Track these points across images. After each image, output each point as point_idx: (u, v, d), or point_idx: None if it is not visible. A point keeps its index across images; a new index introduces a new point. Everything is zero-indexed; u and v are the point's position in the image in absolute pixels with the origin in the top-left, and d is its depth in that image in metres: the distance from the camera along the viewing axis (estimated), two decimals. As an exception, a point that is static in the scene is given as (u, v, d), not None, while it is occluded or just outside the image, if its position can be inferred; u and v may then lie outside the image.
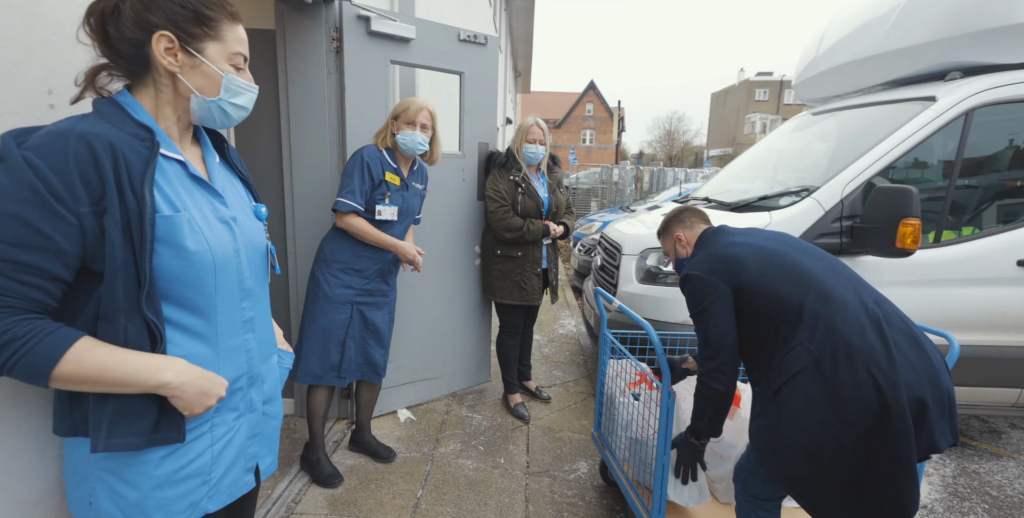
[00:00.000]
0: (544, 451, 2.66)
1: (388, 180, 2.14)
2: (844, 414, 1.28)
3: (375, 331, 2.26)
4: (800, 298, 1.40)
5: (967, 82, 2.66)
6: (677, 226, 1.86)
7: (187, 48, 0.86)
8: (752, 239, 1.60)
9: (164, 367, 0.81)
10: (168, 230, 0.82)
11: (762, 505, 1.61)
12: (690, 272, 1.59)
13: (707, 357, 1.53)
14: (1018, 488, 2.54)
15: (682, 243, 1.84)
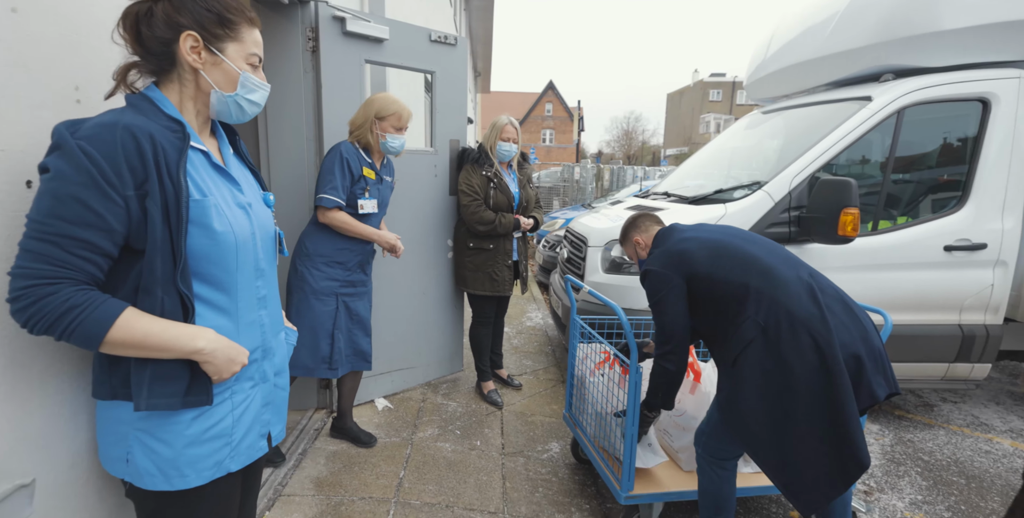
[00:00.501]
0: (518, 434, 2.79)
1: (366, 175, 2.22)
2: (791, 374, 1.46)
3: (360, 320, 2.34)
4: (745, 279, 1.59)
5: (898, 83, 2.93)
6: (634, 232, 2.02)
7: (210, 47, 0.95)
8: (699, 233, 1.79)
9: (198, 335, 0.91)
10: (199, 212, 0.91)
11: (721, 464, 1.78)
12: (648, 267, 1.76)
13: (662, 342, 1.70)
14: (947, 453, 2.83)
15: (640, 246, 2.00)
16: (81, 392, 1.06)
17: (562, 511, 2.19)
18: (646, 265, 1.78)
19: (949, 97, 2.87)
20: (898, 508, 2.33)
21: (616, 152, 46.34)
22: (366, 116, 2.22)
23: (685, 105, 45.97)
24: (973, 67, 2.90)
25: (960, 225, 2.89)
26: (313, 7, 2.31)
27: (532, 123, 39.53)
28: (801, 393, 1.45)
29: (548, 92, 40.47)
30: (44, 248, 0.80)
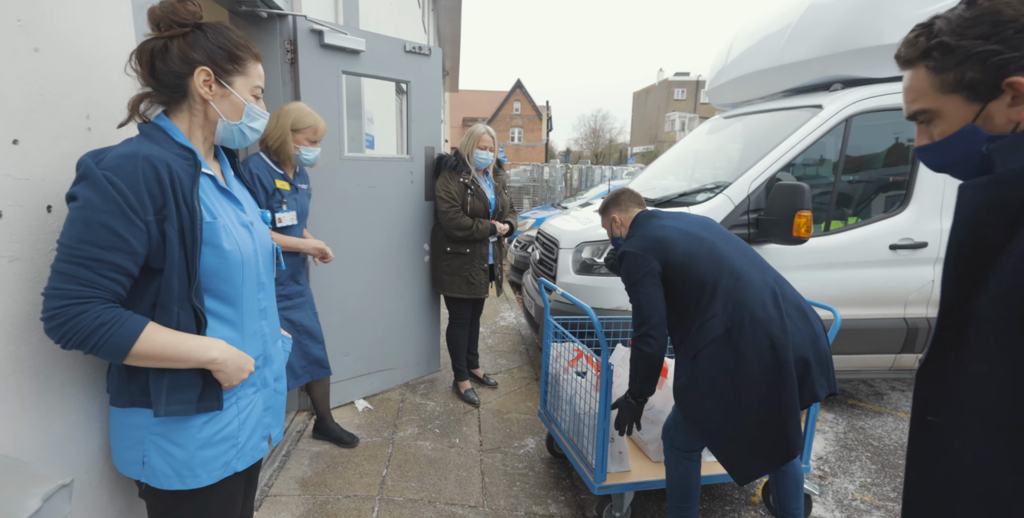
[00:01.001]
0: (495, 431, 2.89)
1: (280, 187, 2.16)
2: (747, 372, 1.61)
3: (305, 330, 2.34)
4: (716, 277, 1.70)
5: (847, 93, 3.14)
6: (614, 208, 2.02)
7: (220, 81, 1.03)
8: (679, 223, 1.84)
9: (212, 346, 0.99)
10: (211, 233, 0.99)
11: (687, 456, 1.92)
12: (626, 249, 1.79)
13: (639, 323, 1.73)
14: (895, 438, 3.05)
15: (617, 224, 2.00)
16: (94, 400, 1.12)
17: (539, 503, 2.30)
18: (624, 247, 1.81)
19: (892, 106, 3.09)
20: (849, 490, 2.52)
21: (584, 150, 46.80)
22: (282, 128, 2.13)
23: (651, 104, 46.80)
24: (912, 79, 3.13)
25: (904, 225, 3.12)
26: (291, 21, 2.35)
27: (501, 122, 39.59)
28: (752, 389, 1.60)
29: (516, 91, 40.58)
30: (76, 270, 0.87)
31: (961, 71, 0.74)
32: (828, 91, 3.30)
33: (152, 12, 0.98)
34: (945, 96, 0.77)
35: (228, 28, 1.05)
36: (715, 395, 1.66)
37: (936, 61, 0.76)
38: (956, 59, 0.74)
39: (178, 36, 0.99)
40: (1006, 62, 0.70)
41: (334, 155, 2.63)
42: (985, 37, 0.71)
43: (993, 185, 0.72)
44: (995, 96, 0.73)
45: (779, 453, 1.63)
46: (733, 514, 2.33)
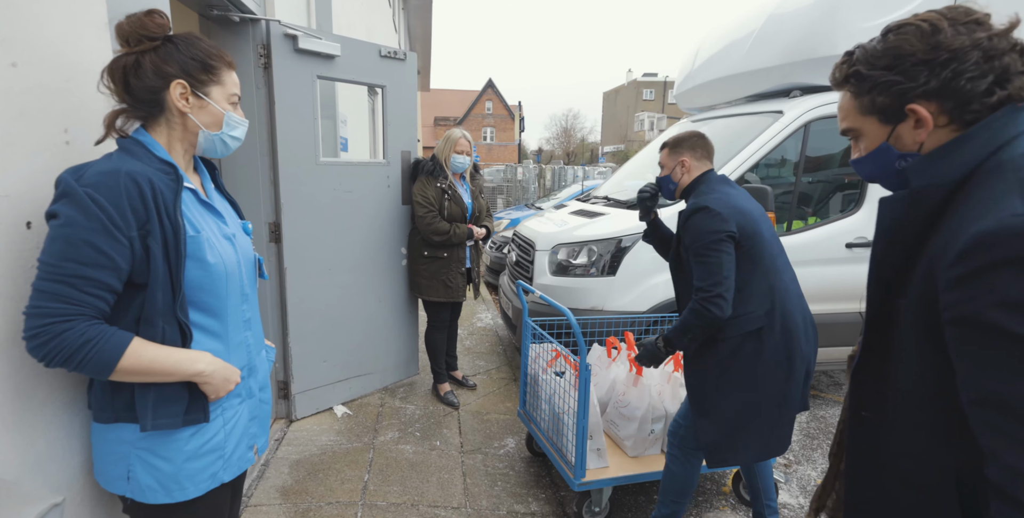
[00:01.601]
0: (475, 432, 2.93)
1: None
2: (766, 371, 1.70)
3: None
4: (772, 273, 1.71)
5: (805, 100, 3.29)
6: (688, 150, 1.87)
7: (197, 92, 1.03)
8: (753, 204, 1.78)
9: (198, 359, 1.00)
10: (194, 247, 0.99)
11: (694, 454, 1.95)
12: (710, 205, 1.67)
13: (713, 283, 1.64)
14: (852, 425, 3.22)
15: (684, 168, 1.87)
16: (75, 417, 1.11)
17: (520, 501, 2.35)
18: (705, 201, 1.70)
19: (848, 112, 3.25)
20: (812, 477, 2.65)
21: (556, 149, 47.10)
22: None
23: (620, 103, 47.41)
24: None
25: (858, 224, 3.28)
26: (264, 25, 2.33)
27: (472, 121, 39.49)
28: (766, 388, 1.70)
29: (488, 90, 40.54)
30: (59, 288, 0.87)
31: (872, 97, 0.83)
32: (788, 97, 3.44)
33: (120, 28, 0.97)
34: (864, 117, 0.86)
35: (199, 38, 1.05)
36: (729, 383, 1.72)
37: (854, 86, 0.85)
38: (868, 86, 0.83)
39: (149, 50, 0.98)
40: (906, 91, 0.79)
41: (309, 160, 2.62)
42: (889, 68, 0.80)
43: (907, 199, 0.80)
44: (902, 119, 0.81)
45: (773, 450, 1.75)
46: (706, 504, 2.43)
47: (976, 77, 0.74)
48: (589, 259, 3.16)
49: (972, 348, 0.67)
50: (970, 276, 0.66)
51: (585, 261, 3.18)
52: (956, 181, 0.76)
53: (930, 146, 0.81)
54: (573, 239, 3.25)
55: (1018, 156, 0.71)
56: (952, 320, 0.69)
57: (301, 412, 2.86)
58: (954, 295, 0.68)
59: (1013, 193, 0.67)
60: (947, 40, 0.75)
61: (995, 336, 0.63)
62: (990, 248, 0.64)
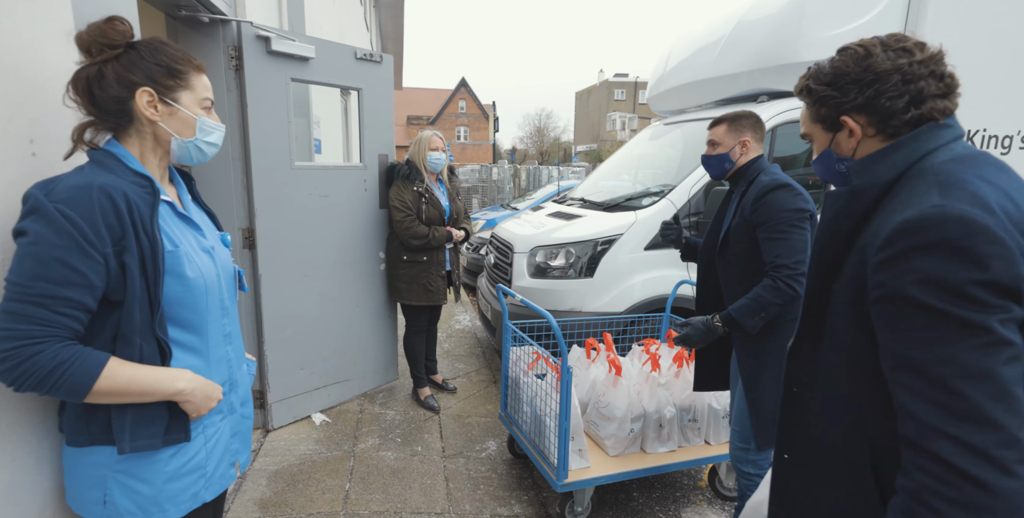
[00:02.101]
0: (456, 436, 2.92)
1: None
2: None
3: None
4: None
5: (772, 105, 3.38)
6: (750, 131, 1.83)
7: (165, 99, 0.99)
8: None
9: (179, 377, 0.97)
10: (173, 262, 0.96)
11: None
12: (792, 183, 1.68)
13: (797, 261, 1.62)
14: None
15: (745, 148, 1.83)
16: (45, 440, 1.06)
17: (503, 504, 2.36)
18: (783, 179, 1.70)
19: (812, 117, 3.36)
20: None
21: (529, 148, 47.22)
22: None
23: (592, 103, 47.82)
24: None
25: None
26: (235, 26, 2.27)
27: (446, 120, 39.28)
28: None
29: (461, 89, 40.38)
30: (29, 309, 0.83)
31: (817, 108, 0.96)
32: (756, 102, 3.54)
33: (80, 38, 0.94)
34: (813, 124, 0.99)
35: (164, 43, 1.01)
36: (774, 376, 1.71)
37: (805, 97, 0.98)
38: (814, 98, 0.95)
39: (111, 59, 0.95)
40: (840, 104, 0.91)
41: (284, 165, 2.57)
42: (829, 85, 0.92)
43: (847, 195, 0.90)
44: (839, 129, 0.94)
45: None
46: (683, 499, 2.48)
47: (895, 97, 0.86)
48: (567, 261, 3.19)
49: (893, 321, 0.76)
50: (894, 258, 0.75)
51: (563, 263, 3.20)
52: (888, 182, 0.87)
53: (862, 152, 0.94)
54: (551, 241, 3.27)
55: (937, 164, 0.83)
56: (877, 298, 0.78)
57: (278, 421, 2.80)
58: (880, 276, 0.77)
59: (933, 190, 0.78)
60: (875, 64, 0.87)
61: (913, 309, 0.73)
62: (912, 234, 0.74)
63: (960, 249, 0.70)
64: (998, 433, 0.67)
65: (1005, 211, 0.73)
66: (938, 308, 0.71)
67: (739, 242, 1.76)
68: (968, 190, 0.75)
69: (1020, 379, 0.69)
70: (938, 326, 0.71)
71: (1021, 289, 0.70)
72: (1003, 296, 0.69)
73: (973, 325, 0.69)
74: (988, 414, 0.68)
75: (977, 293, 0.69)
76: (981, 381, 0.68)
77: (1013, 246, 0.70)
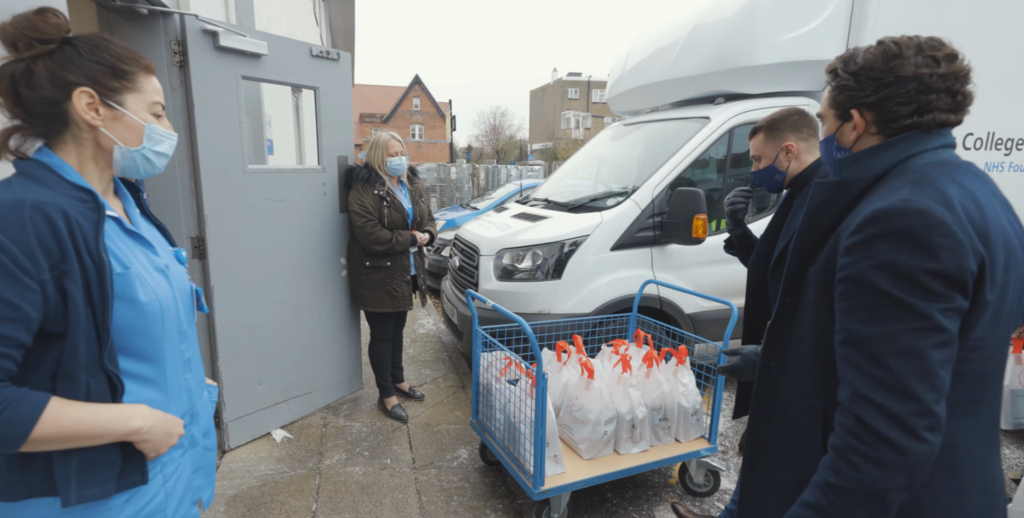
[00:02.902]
0: (426, 445, 2.84)
1: None
2: None
3: None
4: None
5: (728, 107, 3.46)
6: (791, 133, 1.63)
7: (108, 102, 0.88)
8: None
9: (133, 415, 0.85)
10: (123, 286, 0.85)
11: None
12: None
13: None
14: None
15: (792, 153, 1.62)
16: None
17: (478, 515, 2.31)
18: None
19: (767, 118, 3.46)
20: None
21: (485, 147, 47.10)
22: None
23: (547, 102, 48.18)
24: (781, 95, 3.53)
25: (780, 222, 3.50)
26: (178, 19, 2.10)
27: (400, 118, 38.64)
28: None
29: (415, 86, 39.80)
30: None
31: (836, 93, 0.97)
32: (713, 104, 3.61)
33: (4, 31, 0.82)
34: (829, 108, 1.01)
35: (107, 39, 0.90)
36: None
37: (831, 79, 0.99)
38: (836, 83, 0.97)
39: (42, 55, 0.83)
40: (854, 97, 0.94)
41: (236, 168, 2.41)
42: (853, 74, 0.94)
43: (833, 186, 0.95)
44: (847, 119, 0.97)
45: None
46: (655, 498, 2.50)
47: (903, 103, 0.89)
48: (534, 263, 3.16)
49: (848, 300, 0.84)
50: (860, 244, 0.82)
51: (530, 265, 3.17)
52: (873, 177, 0.92)
53: (859, 146, 0.98)
54: (517, 244, 3.23)
55: (919, 165, 0.89)
56: (841, 279, 0.85)
57: (235, 441, 2.64)
58: (846, 258, 0.84)
59: (906, 187, 0.84)
60: (899, 66, 0.89)
61: (866, 290, 0.81)
62: (878, 222, 0.81)
63: (916, 238, 0.78)
64: (915, 404, 0.77)
65: (967, 211, 0.80)
66: (886, 291, 0.79)
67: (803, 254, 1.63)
68: (937, 189, 0.82)
69: (946, 362, 0.78)
70: (884, 307, 0.79)
71: (967, 281, 0.77)
72: (949, 286, 0.77)
73: (914, 309, 0.77)
74: (909, 387, 0.77)
75: (925, 281, 0.77)
76: (910, 359, 0.77)
77: (965, 241, 0.77)
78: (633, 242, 3.19)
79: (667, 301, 3.25)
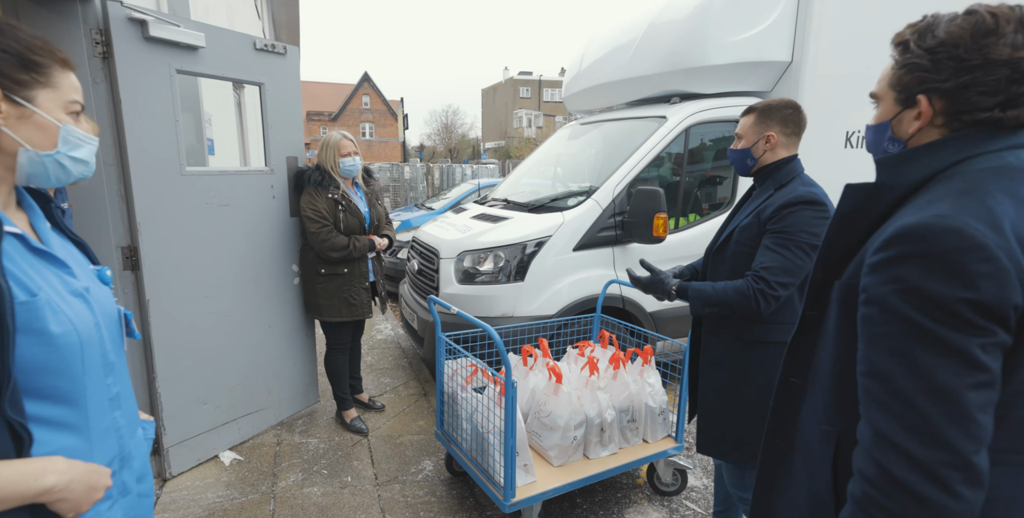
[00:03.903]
0: (389, 459, 2.72)
1: None
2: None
3: None
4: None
5: (684, 106, 3.49)
6: (778, 125, 1.63)
7: (13, 97, 0.75)
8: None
9: (45, 470, 0.71)
10: (29, 317, 0.71)
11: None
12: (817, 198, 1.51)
13: (781, 282, 1.50)
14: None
15: (770, 144, 1.64)
16: None
17: (448, 531, 2.21)
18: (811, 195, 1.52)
19: (719, 119, 3.51)
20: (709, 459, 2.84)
21: (438, 145, 46.60)
22: None
23: (499, 100, 48.13)
24: (734, 95, 3.60)
25: (733, 220, 3.57)
26: (99, 5, 1.89)
27: (350, 116, 37.64)
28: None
29: (364, 84, 38.86)
30: None
31: (902, 72, 0.81)
32: (669, 104, 3.64)
33: None
34: (889, 89, 0.84)
35: (14, 26, 0.77)
36: (749, 399, 1.63)
37: (899, 54, 0.82)
38: (904, 60, 0.80)
39: None
40: (925, 79, 0.78)
41: (172, 171, 2.20)
42: (929, 51, 0.77)
43: (866, 190, 0.82)
44: (911, 105, 0.81)
45: None
46: (625, 500, 2.49)
47: (988, 93, 0.73)
48: (496, 265, 3.08)
49: (871, 326, 0.73)
50: (883, 263, 0.72)
51: (492, 268, 3.09)
52: (916, 182, 0.79)
53: (917, 141, 0.82)
54: (478, 246, 3.15)
55: (973, 170, 0.75)
56: (863, 301, 0.75)
57: (178, 467, 2.43)
58: (868, 279, 0.74)
59: (947, 198, 0.72)
60: (992, 45, 0.72)
61: (890, 317, 0.70)
62: (906, 241, 0.70)
63: (948, 264, 0.66)
64: (949, 454, 0.66)
65: (1018, 232, 0.68)
66: (914, 320, 0.68)
67: (742, 242, 1.62)
68: (984, 203, 0.69)
69: (987, 406, 0.67)
70: (912, 338, 0.68)
71: (1009, 315, 0.66)
72: (989, 319, 0.66)
73: (949, 344, 0.66)
74: (942, 433, 0.66)
75: (962, 312, 0.66)
76: (943, 400, 0.66)
77: (1010, 268, 0.65)
78: (595, 242, 3.17)
79: (629, 300, 3.25)
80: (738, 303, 1.55)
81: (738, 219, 1.68)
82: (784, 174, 1.63)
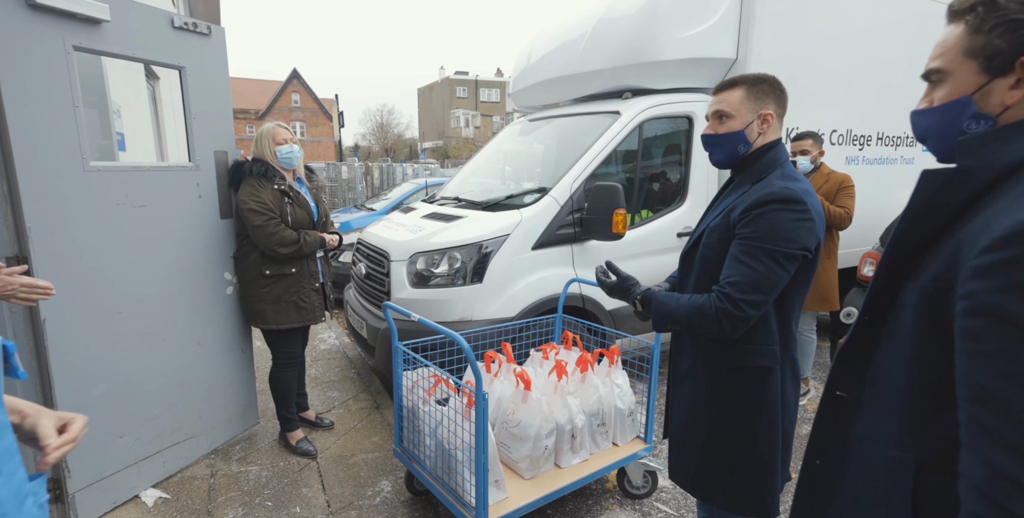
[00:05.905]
0: (342, 483, 2.48)
1: None
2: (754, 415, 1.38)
3: None
4: (797, 308, 1.39)
5: (636, 101, 3.46)
6: (774, 103, 1.39)
7: None
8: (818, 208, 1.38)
9: None
10: None
11: None
12: (798, 196, 1.27)
13: (750, 301, 1.27)
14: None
15: (768, 125, 1.38)
16: None
17: (414, 559, 2.02)
18: (790, 192, 1.27)
19: (671, 114, 3.51)
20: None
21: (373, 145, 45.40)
22: None
23: (435, 100, 47.56)
24: (684, 90, 3.61)
25: (684, 216, 3.58)
26: (-35, -39, 1.55)
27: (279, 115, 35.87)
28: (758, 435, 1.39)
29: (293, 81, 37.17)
30: None
31: (991, 36, 0.70)
32: (621, 99, 3.60)
33: None
34: (964, 59, 0.73)
35: None
36: (715, 421, 1.44)
37: (977, 17, 0.71)
38: (995, 21, 0.69)
39: None
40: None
41: (72, 166, 1.86)
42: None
43: (949, 178, 0.72)
44: (1005, 72, 0.70)
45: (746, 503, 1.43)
46: (596, 507, 2.40)
47: None
48: (452, 267, 2.91)
49: (981, 342, 0.61)
50: (1000, 266, 0.60)
51: (447, 269, 2.92)
52: (1008, 166, 0.68)
53: (1012, 116, 0.71)
54: (431, 247, 2.96)
55: None
56: (966, 310, 0.63)
57: (88, 514, 2.07)
58: (975, 284, 0.62)
59: None
60: None
61: (1007, 332, 0.59)
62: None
63: None
64: None
65: None
66: None
67: (709, 246, 1.40)
68: None
69: None
70: None
71: None
72: None
73: None
74: None
75: None
76: None
77: None
78: (554, 240, 3.07)
79: (589, 299, 3.17)
80: (700, 323, 1.31)
81: (708, 218, 1.46)
82: (765, 165, 1.37)
